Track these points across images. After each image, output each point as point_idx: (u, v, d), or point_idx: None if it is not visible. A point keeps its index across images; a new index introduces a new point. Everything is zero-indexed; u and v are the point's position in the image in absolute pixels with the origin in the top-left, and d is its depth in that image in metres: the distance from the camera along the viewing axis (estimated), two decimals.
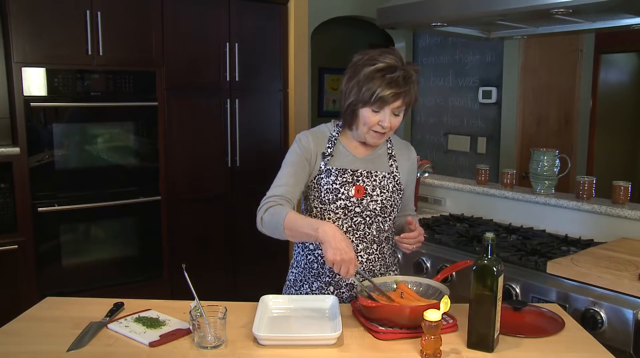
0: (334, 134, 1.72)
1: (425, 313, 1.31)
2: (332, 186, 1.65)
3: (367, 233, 1.68)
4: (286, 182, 1.65)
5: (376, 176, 1.69)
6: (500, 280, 1.35)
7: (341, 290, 1.70)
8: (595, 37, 4.41)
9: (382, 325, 1.43)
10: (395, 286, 1.61)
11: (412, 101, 1.62)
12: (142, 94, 3.25)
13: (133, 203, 3.27)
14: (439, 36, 4.66)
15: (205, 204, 3.56)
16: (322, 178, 1.67)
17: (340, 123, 1.75)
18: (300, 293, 1.74)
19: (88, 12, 3.00)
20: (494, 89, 4.27)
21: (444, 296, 1.38)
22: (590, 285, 1.85)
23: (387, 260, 1.75)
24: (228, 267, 3.67)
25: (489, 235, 1.35)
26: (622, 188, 2.44)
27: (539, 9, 2.21)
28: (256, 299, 1.58)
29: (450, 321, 1.48)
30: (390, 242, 1.77)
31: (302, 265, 1.74)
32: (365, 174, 1.68)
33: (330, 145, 1.70)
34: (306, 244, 1.72)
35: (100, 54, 3.07)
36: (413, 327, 1.40)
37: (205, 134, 3.51)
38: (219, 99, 3.54)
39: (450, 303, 1.36)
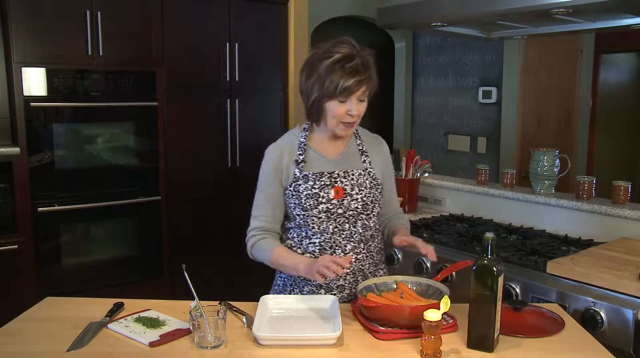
0: (302, 139, 1.72)
1: (425, 313, 1.31)
2: (312, 191, 1.65)
3: (354, 232, 1.68)
4: (262, 213, 1.72)
5: (352, 174, 1.69)
6: (500, 280, 1.35)
7: (332, 292, 1.68)
8: (595, 37, 4.40)
9: (382, 325, 1.44)
10: (395, 286, 1.62)
11: (374, 87, 1.63)
12: (142, 94, 3.25)
13: (133, 203, 3.27)
14: (439, 36, 4.65)
15: (205, 204, 3.55)
16: (300, 185, 1.66)
17: (307, 126, 1.74)
18: None
19: (88, 12, 3.00)
20: (494, 89, 4.27)
21: (444, 296, 1.38)
22: (590, 285, 1.84)
23: (375, 258, 1.75)
24: (228, 267, 3.66)
25: (489, 235, 1.35)
26: (622, 188, 2.44)
27: (539, 9, 2.21)
28: (256, 299, 1.58)
29: (450, 321, 1.49)
30: (377, 240, 1.76)
31: None
32: (343, 175, 1.68)
33: (300, 152, 1.70)
34: (293, 249, 1.71)
35: (100, 54, 3.07)
36: (413, 327, 1.40)
37: (205, 134, 3.51)
38: (219, 99, 3.53)
39: (450, 303, 1.36)
